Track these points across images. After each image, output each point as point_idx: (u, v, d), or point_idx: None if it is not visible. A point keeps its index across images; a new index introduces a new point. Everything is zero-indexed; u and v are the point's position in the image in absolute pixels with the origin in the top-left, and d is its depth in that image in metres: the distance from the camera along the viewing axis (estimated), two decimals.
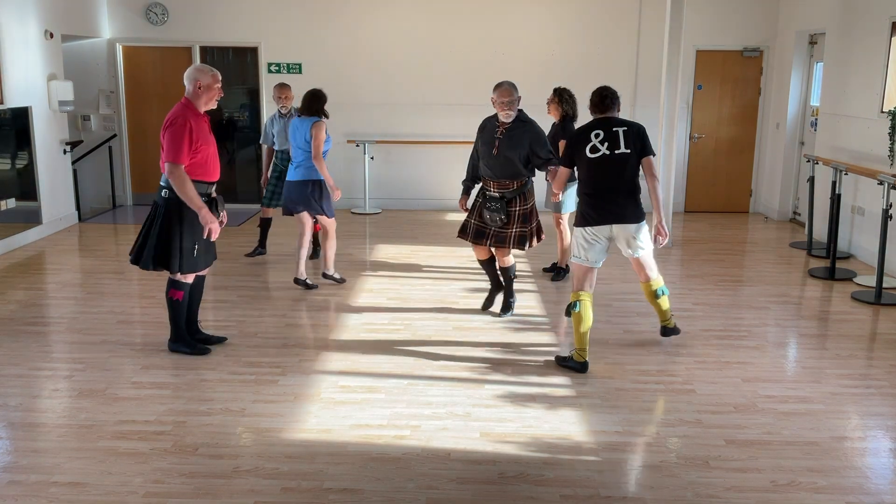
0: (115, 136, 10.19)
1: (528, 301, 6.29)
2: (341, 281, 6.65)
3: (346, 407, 4.29)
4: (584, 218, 4.82)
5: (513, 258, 5.82)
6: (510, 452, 3.82)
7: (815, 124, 8.93)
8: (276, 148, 7.26)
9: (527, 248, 5.62)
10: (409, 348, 5.21)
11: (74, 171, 9.30)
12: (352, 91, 9.92)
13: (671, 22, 8.00)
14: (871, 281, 6.69)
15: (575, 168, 4.95)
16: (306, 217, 6.46)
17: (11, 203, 8.08)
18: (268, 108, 10.10)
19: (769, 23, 9.83)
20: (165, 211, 4.72)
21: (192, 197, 4.63)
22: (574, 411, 4.27)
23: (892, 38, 7.23)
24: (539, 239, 5.69)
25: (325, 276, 6.65)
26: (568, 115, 6.61)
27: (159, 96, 10.23)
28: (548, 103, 6.73)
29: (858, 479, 3.61)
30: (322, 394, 4.46)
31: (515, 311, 5.90)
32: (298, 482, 3.52)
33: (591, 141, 4.76)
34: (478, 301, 6.23)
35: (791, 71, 9.39)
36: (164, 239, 4.73)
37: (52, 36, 8.61)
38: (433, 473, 3.61)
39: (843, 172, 7.30)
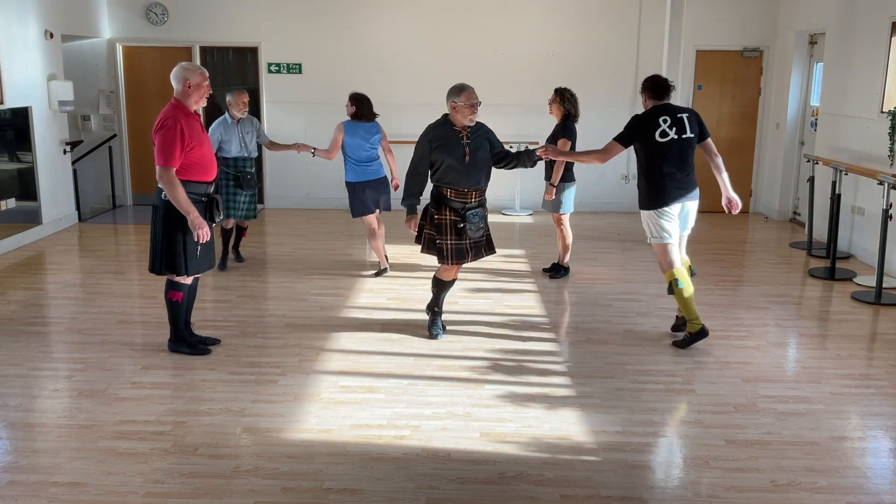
0: (115, 136, 10.19)
1: (528, 301, 6.29)
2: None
3: (346, 407, 4.29)
4: (658, 199, 5.13)
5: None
6: (510, 452, 3.82)
7: (815, 124, 8.93)
8: (229, 156, 6.85)
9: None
10: (409, 348, 5.21)
11: (74, 171, 9.30)
12: (351, 91, 9.89)
13: (671, 22, 8.01)
14: (871, 281, 6.69)
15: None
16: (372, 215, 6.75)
17: (11, 203, 8.08)
18: (268, 108, 10.11)
19: (769, 23, 9.83)
20: (166, 213, 4.71)
21: (181, 200, 4.60)
22: (574, 411, 4.27)
23: (892, 38, 7.23)
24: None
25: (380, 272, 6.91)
26: (570, 115, 6.61)
27: (159, 96, 10.20)
28: (549, 103, 6.75)
29: (858, 479, 3.61)
30: (322, 394, 4.46)
31: (517, 312, 5.89)
32: (298, 482, 3.52)
33: (660, 126, 5.04)
34: (478, 301, 6.24)
35: (791, 71, 9.39)
36: (170, 241, 4.73)
37: (52, 36, 8.61)
38: (433, 473, 3.61)
39: (843, 172, 7.30)
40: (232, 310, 5.99)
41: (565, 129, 6.55)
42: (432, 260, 6.60)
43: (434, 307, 5.49)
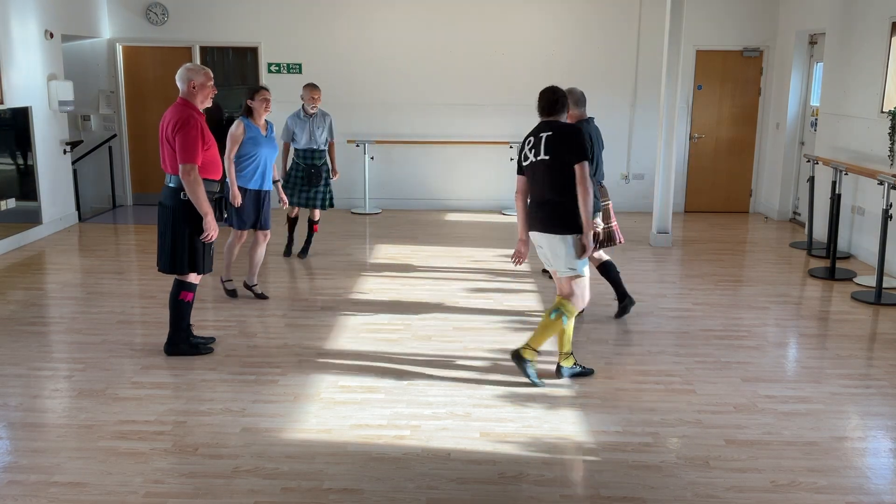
0: (115, 136, 10.19)
1: (528, 301, 6.29)
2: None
3: (346, 407, 4.29)
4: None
5: None
6: (510, 452, 3.82)
7: (815, 124, 8.93)
8: (298, 147, 7.27)
9: None
10: (409, 348, 5.21)
11: (74, 171, 9.30)
12: (352, 91, 9.93)
13: (671, 22, 8.00)
14: (871, 281, 6.69)
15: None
16: None
17: (11, 203, 8.08)
18: None
19: (769, 23, 9.83)
20: (186, 213, 4.73)
21: (202, 200, 4.66)
22: (574, 411, 4.27)
23: (892, 38, 7.23)
24: None
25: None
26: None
27: (159, 96, 10.22)
28: None
29: (858, 479, 3.61)
30: (322, 394, 4.46)
31: (517, 312, 5.89)
32: (298, 482, 3.52)
33: (523, 148, 4.59)
34: (478, 301, 6.24)
35: (791, 71, 9.39)
36: (191, 241, 4.77)
37: (52, 36, 8.61)
38: (433, 473, 3.61)
39: (843, 172, 7.30)
40: (232, 310, 5.99)
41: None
42: (432, 260, 6.57)
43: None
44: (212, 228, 4.72)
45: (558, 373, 4.69)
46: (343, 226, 9.19)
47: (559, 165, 4.39)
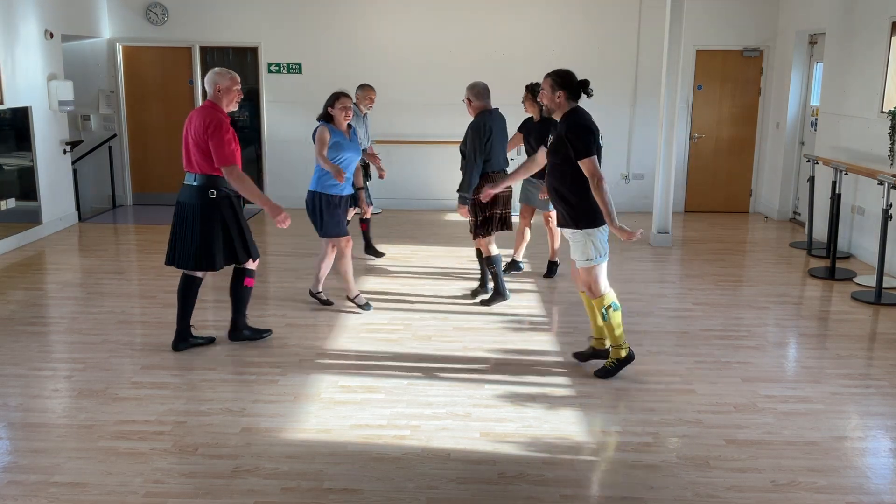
0: (115, 136, 10.19)
1: (528, 301, 6.29)
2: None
3: (346, 407, 4.29)
4: (600, 216, 4.45)
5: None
6: (510, 452, 3.82)
7: (815, 124, 8.93)
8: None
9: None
10: (409, 348, 5.21)
11: (74, 171, 9.30)
12: (352, 91, 9.89)
13: (671, 22, 8.00)
14: (871, 281, 6.69)
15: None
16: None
17: (11, 203, 8.08)
18: (268, 108, 10.10)
19: (769, 23, 9.83)
20: (222, 210, 4.86)
21: (255, 193, 4.85)
22: (574, 411, 4.27)
23: (892, 38, 7.23)
24: None
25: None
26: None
27: (159, 96, 10.23)
28: (523, 101, 6.61)
29: (858, 479, 3.61)
30: (322, 394, 4.46)
31: (517, 312, 5.89)
32: (298, 482, 3.52)
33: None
34: (478, 301, 6.23)
35: (791, 71, 9.39)
36: (242, 231, 4.97)
37: (52, 36, 8.61)
38: (433, 473, 3.61)
39: (843, 172, 7.30)
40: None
41: (550, 125, 6.31)
42: (432, 260, 6.58)
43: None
44: (279, 212, 4.80)
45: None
46: None
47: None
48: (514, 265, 7.01)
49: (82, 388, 4.52)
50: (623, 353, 4.70)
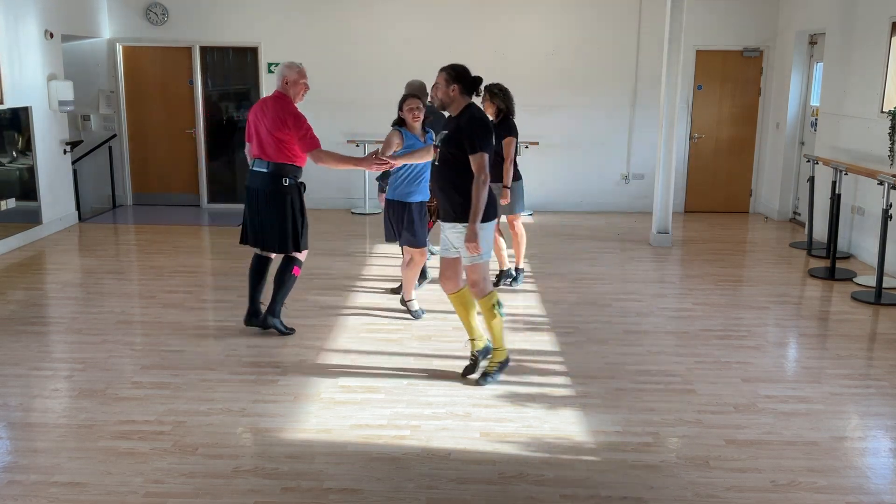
0: (115, 136, 10.19)
1: (528, 301, 6.29)
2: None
3: (346, 407, 4.29)
4: (489, 211, 4.49)
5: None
6: (510, 452, 3.82)
7: (815, 124, 8.93)
8: None
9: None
10: (409, 348, 5.21)
11: (74, 171, 9.30)
12: (352, 91, 9.93)
13: (671, 22, 8.00)
14: (871, 281, 6.69)
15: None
16: None
17: (11, 203, 8.08)
18: None
19: (769, 23, 9.83)
20: (294, 196, 5.11)
21: (345, 161, 5.32)
22: (574, 411, 4.27)
23: (892, 38, 7.23)
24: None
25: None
26: (506, 111, 6.29)
27: (159, 96, 10.23)
28: (481, 102, 6.30)
29: (858, 479, 3.61)
30: (322, 394, 4.46)
31: (517, 312, 5.89)
32: (298, 482, 3.52)
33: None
34: None
35: (791, 71, 9.39)
36: (303, 221, 5.20)
37: (52, 36, 8.61)
38: (433, 473, 3.61)
39: (843, 172, 7.30)
40: (232, 310, 5.98)
41: (507, 126, 6.23)
42: (432, 260, 6.58)
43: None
44: (373, 160, 4.97)
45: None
46: (343, 226, 9.19)
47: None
48: (504, 275, 6.74)
49: (82, 388, 4.52)
50: (503, 356, 4.67)
